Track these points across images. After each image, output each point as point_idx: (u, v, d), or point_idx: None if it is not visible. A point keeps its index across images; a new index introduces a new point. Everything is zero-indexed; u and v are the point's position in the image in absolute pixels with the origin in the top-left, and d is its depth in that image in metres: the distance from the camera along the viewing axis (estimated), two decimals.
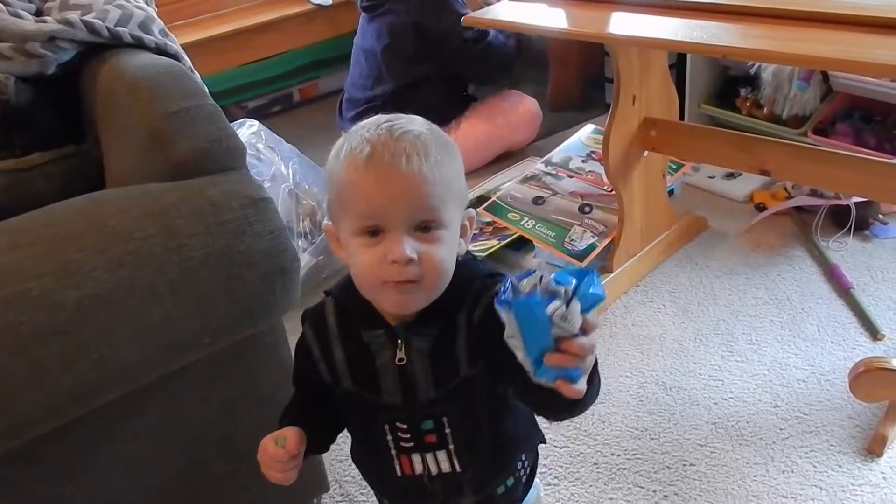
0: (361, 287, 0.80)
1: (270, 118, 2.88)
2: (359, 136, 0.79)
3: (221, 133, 1.01)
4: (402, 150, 0.76)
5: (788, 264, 1.88)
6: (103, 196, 0.97)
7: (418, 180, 0.76)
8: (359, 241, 0.78)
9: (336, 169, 0.79)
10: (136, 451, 1.06)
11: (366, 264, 0.78)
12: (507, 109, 2.43)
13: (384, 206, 0.76)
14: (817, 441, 1.41)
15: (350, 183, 0.77)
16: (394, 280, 0.77)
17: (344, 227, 0.80)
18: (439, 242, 0.78)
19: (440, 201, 0.77)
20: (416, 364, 0.84)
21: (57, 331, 0.85)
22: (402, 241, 0.76)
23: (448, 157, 0.79)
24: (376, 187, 0.76)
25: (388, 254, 0.76)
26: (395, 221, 0.76)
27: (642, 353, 1.65)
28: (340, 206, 0.80)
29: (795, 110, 2.18)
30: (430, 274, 0.77)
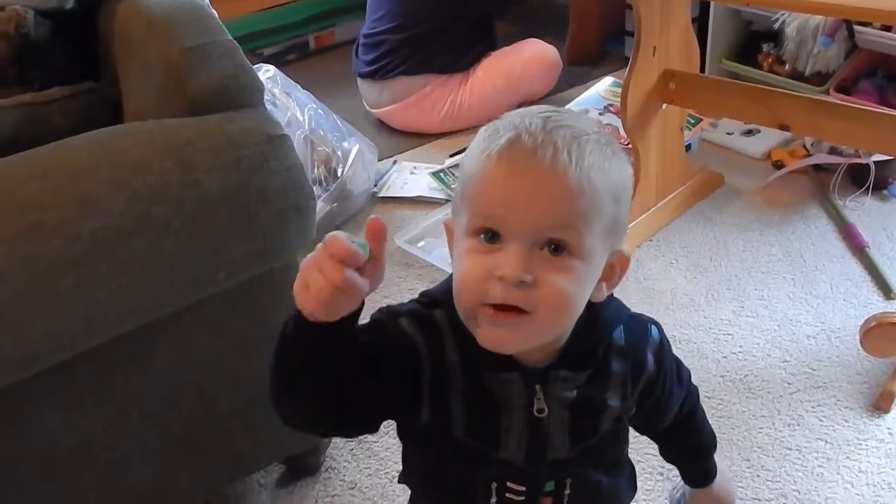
0: (457, 303, 0.66)
1: (286, 66, 2.84)
2: (507, 121, 0.66)
3: (239, 69, 1.01)
4: (550, 142, 0.62)
5: (804, 222, 1.87)
6: (121, 130, 0.97)
7: (558, 185, 0.61)
8: (470, 243, 0.64)
9: (468, 155, 0.67)
10: (148, 386, 1.08)
11: (468, 274, 0.63)
12: (527, 58, 2.40)
13: (507, 204, 0.62)
14: (824, 396, 1.42)
15: (477, 172, 0.64)
16: (493, 301, 0.62)
17: (460, 222, 0.66)
18: (569, 273, 0.63)
19: (582, 219, 0.62)
20: (555, 416, 0.70)
21: (73, 261, 0.86)
22: (519, 254, 0.61)
23: (610, 168, 0.64)
24: (504, 180, 0.62)
25: (498, 269, 0.61)
26: (516, 228, 0.62)
27: (652, 307, 1.65)
28: (461, 198, 0.66)
29: (818, 67, 2.14)
30: (545, 307, 0.62)
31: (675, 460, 0.94)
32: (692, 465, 0.93)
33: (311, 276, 0.57)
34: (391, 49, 2.30)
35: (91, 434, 1.04)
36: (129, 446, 1.08)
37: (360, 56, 2.41)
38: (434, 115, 2.33)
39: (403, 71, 2.29)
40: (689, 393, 0.87)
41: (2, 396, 0.91)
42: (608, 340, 0.72)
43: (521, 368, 0.69)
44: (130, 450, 1.08)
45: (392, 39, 2.30)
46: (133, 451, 1.09)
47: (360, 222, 2.02)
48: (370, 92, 2.40)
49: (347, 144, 2.01)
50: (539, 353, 0.69)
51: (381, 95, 2.37)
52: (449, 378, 0.69)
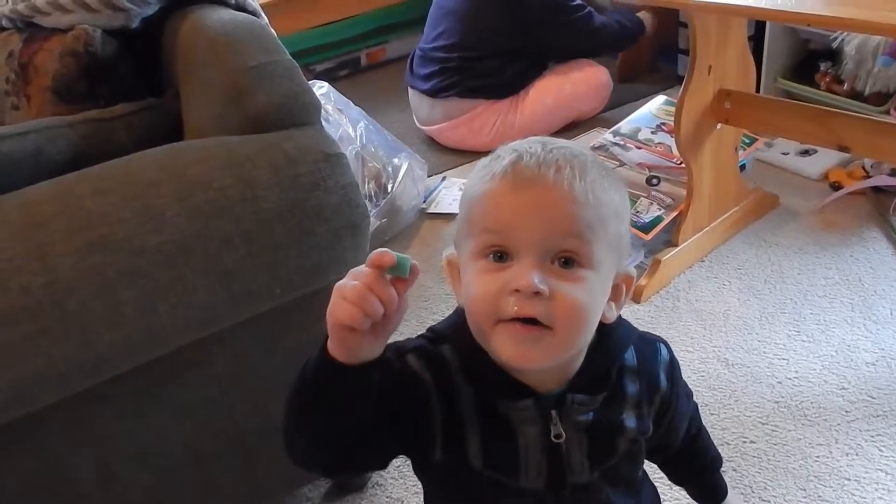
0: (473, 327, 0.66)
1: (337, 82, 2.89)
2: (506, 147, 0.68)
3: (298, 88, 1.03)
4: (552, 160, 0.64)
5: (862, 245, 1.82)
6: (182, 147, 1.00)
7: (565, 195, 0.63)
8: (480, 264, 0.64)
9: (469, 184, 0.68)
10: (203, 396, 1.10)
11: (481, 293, 0.64)
12: (577, 79, 2.40)
13: (516, 219, 0.63)
14: (884, 425, 1.38)
15: (481, 193, 0.65)
16: (512, 316, 0.62)
17: (465, 250, 0.66)
18: (582, 283, 0.63)
19: (589, 230, 0.63)
20: (572, 441, 0.70)
21: (136, 274, 0.89)
22: (532, 266, 0.62)
23: (609, 187, 0.66)
24: (510, 196, 0.63)
25: (512, 282, 0.62)
26: (526, 242, 0.63)
27: (705, 329, 1.63)
28: (466, 224, 0.67)
29: (878, 87, 2.09)
30: (563, 320, 0.62)
31: (687, 479, 0.92)
32: (707, 480, 0.91)
33: (347, 285, 0.59)
34: (446, 68, 2.31)
35: (147, 441, 1.06)
36: (182, 454, 1.10)
37: (414, 69, 2.42)
38: (484, 133, 2.33)
39: (456, 93, 2.31)
40: (695, 410, 0.88)
41: (63, 403, 0.94)
42: (620, 362, 0.73)
43: (535, 395, 0.69)
44: (183, 458, 1.10)
45: (448, 58, 2.31)
46: (186, 459, 1.10)
47: (410, 237, 2.04)
48: (421, 107, 2.42)
49: (398, 160, 2.03)
50: (553, 379, 0.69)
51: (432, 112, 2.38)
52: (462, 412, 0.69)
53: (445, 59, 2.31)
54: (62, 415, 0.97)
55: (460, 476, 0.71)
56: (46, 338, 0.87)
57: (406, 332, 0.71)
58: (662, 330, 1.63)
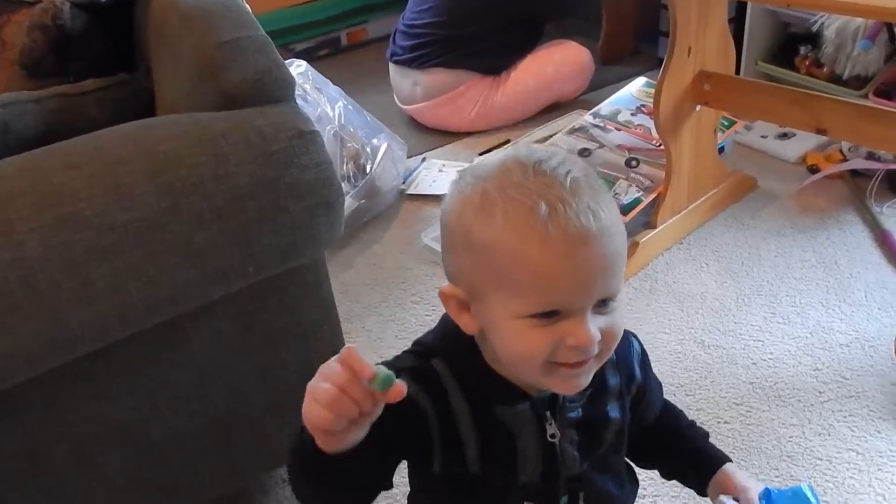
0: (515, 369, 0.69)
1: (317, 62, 2.85)
2: (513, 186, 0.62)
3: (272, 64, 1.01)
4: (585, 205, 0.61)
5: (839, 228, 1.84)
6: (153, 123, 0.98)
7: (606, 242, 0.62)
8: (525, 322, 0.64)
9: (486, 229, 0.63)
10: (180, 377, 1.09)
11: (533, 349, 0.65)
12: (559, 60, 2.39)
13: (571, 284, 0.62)
14: (857, 406, 1.39)
15: (523, 253, 0.62)
16: (573, 361, 0.65)
17: (499, 304, 0.65)
18: (616, 314, 0.67)
19: (620, 264, 0.65)
20: (566, 437, 0.74)
21: (106, 251, 0.87)
22: (587, 322, 0.64)
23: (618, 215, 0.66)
24: (565, 262, 0.61)
25: (570, 338, 0.64)
26: (583, 301, 0.63)
27: (682, 311, 1.64)
28: (498, 280, 0.64)
29: (857, 70, 2.10)
30: (609, 346, 0.67)
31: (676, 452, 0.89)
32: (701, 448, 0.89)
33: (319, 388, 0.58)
34: (432, 41, 2.29)
35: (122, 421, 1.05)
36: (158, 435, 1.09)
37: (397, 42, 2.40)
38: (465, 114, 2.32)
39: (442, 63, 2.28)
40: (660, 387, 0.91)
41: (38, 382, 0.93)
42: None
43: (529, 399, 0.72)
44: (160, 438, 1.09)
45: (435, 34, 2.29)
46: (163, 439, 1.10)
47: (389, 218, 2.03)
48: (403, 83, 2.40)
49: (377, 141, 2.01)
50: None
51: (414, 89, 2.36)
52: (459, 426, 0.71)
53: (432, 33, 2.29)
54: (36, 395, 0.96)
55: (457, 482, 0.74)
56: (15, 315, 0.86)
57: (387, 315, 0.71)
58: (640, 311, 1.64)
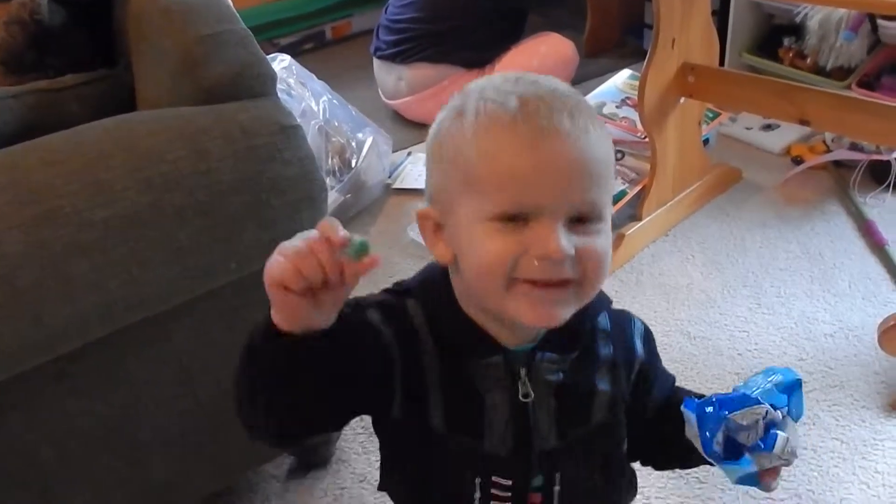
0: (479, 288, 0.62)
1: (302, 56, 2.84)
2: (491, 88, 0.60)
3: (253, 58, 1.00)
4: (562, 105, 0.58)
5: (823, 219, 1.85)
6: (134, 118, 0.97)
7: (583, 147, 0.58)
8: (489, 226, 0.59)
9: (458, 133, 0.60)
10: (165, 375, 1.08)
11: (496, 255, 0.58)
12: (544, 53, 2.38)
13: (537, 179, 0.57)
14: (841, 395, 1.40)
15: (490, 155, 0.58)
16: (537, 279, 0.58)
17: (466, 210, 0.60)
18: (601, 235, 0.61)
19: (603, 183, 0.60)
20: (540, 402, 0.66)
21: (86, 248, 0.86)
22: (558, 231, 0.58)
23: (606, 132, 0.62)
24: (529, 153, 0.57)
25: (534, 247, 0.58)
26: (549, 204, 0.58)
27: (668, 303, 1.64)
28: (466, 185, 0.60)
29: (840, 62, 2.11)
30: (592, 272, 0.60)
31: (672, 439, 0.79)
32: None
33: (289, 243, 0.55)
34: (415, 36, 2.29)
35: (108, 419, 1.05)
36: (144, 433, 1.09)
37: (380, 37, 2.39)
38: None
39: (425, 57, 2.28)
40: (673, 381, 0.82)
41: (21, 381, 0.92)
42: (593, 323, 0.70)
43: (504, 351, 0.65)
44: (146, 436, 1.09)
45: (418, 28, 2.29)
46: (149, 437, 1.09)
47: (375, 213, 2.02)
48: (387, 78, 2.39)
49: (362, 135, 2.01)
50: (525, 335, 0.66)
51: (399, 84, 2.36)
52: (424, 368, 0.65)
53: (414, 29, 2.29)
54: (19, 395, 0.95)
55: (420, 437, 0.67)
56: None
57: None
58: (626, 304, 1.64)
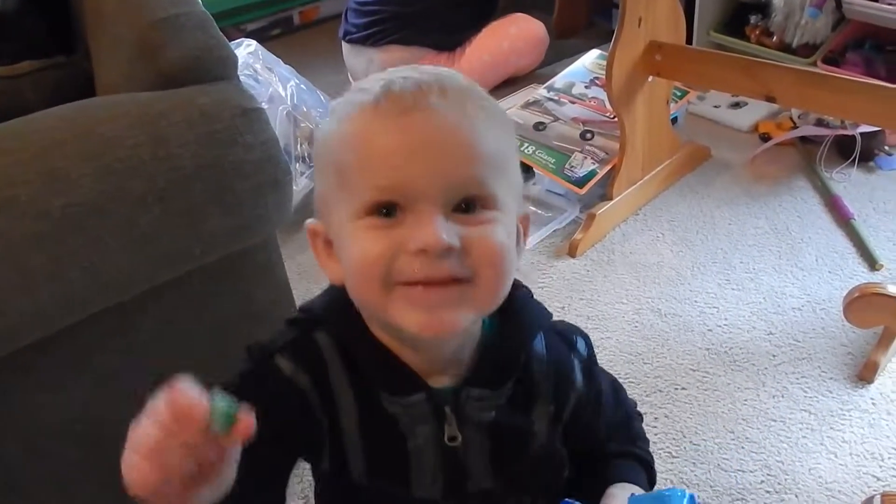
0: (360, 299, 0.55)
1: (269, 42, 2.81)
2: (366, 80, 0.55)
3: (212, 41, 0.98)
4: (432, 82, 0.52)
5: (790, 195, 1.86)
6: (90, 104, 0.95)
7: (458, 123, 0.51)
8: (362, 222, 0.52)
9: (327, 130, 0.55)
10: (130, 364, 1.07)
11: (369, 255, 0.51)
12: (515, 35, 2.38)
13: (406, 162, 0.50)
14: (809, 367, 1.42)
15: (353, 139, 0.52)
16: (418, 280, 0.50)
17: (340, 213, 0.53)
18: (493, 223, 0.53)
19: (491, 167, 0.52)
20: (472, 443, 0.60)
21: (43, 238, 0.85)
22: (435, 218, 0.50)
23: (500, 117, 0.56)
24: (393, 133, 0.50)
25: (410, 239, 0.50)
26: (423, 191, 0.50)
27: (639, 281, 1.65)
28: (337, 183, 0.54)
29: (806, 38, 2.13)
30: (484, 266, 0.52)
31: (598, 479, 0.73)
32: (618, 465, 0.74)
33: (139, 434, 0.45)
34: (386, 18, 2.27)
35: (73, 412, 1.03)
36: (111, 424, 1.06)
37: (349, 20, 2.37)
38: None
39: (397, 40, 2.26)
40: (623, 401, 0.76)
41: None
42: (527, 351, 0.62)
43: (427, 389, 0.57)
44: (114, 429, 1.07)
45: (388, 10, 2.27)
46: (115, 431, 1.07)
47: None
48: (358, 62, 2.37)
49: None
50: (449, 368, 0.59)
51: (369, 68, 2.33)
52: (340, 411, 0.58)
53: (385, 10, 2.27)
54: None
55: (344, 487, 0.60)
56: None
57: None
58: (598, 283, 1.65)
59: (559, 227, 1.81)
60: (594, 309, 1.58)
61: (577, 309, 1.58)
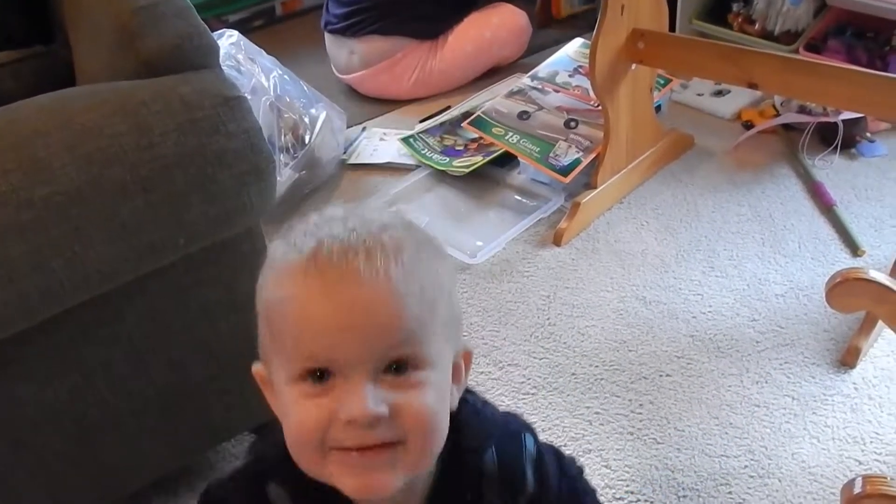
0: (298, 458, 0.55)
1: (252, 33, 2.79)
2: (300, 229, 0.55)
3: (193, 30, 0.98)
4: (358, 243, 0.52)
5: (773, 182, 1.87)
6: (70, 93, 0.95)
7: (384, 290, 0.52)
8: (297, 389, 0.54)
9: (263, 283, 0.56)
10: (116, 355, 1.07)
11: (305, 426, 0.53)
12: (497, 24, 2.37)
13: (333, 333, 0.51)
14: (792, 353, 1.43)
15: (281, 300, 0.53)
16: (350, 445, 0.52)
17: (279, 373, 0.55)
18: (424, 387, 0.54)
19: (420, 326, 0.53)
20: None
21: (24, 229, 0.84)
22: (364, 389, 0.51)
23: (431, 258, 0.56)
24: (320, 305, 0.51)
25: (340, 410, 0.52)
26: (350, 360, 0.52)
27: (623, 269, 1.66)
28: (272, 344, 0.56)
29: (788, 26, 2.14)
30: (414, 430, 0.53)
31: None
32: None
33: None
34: (366, 8, 2.25)
35: (58, 403, 1.02)
36: (97, 415, 1.07)
37: (330, 10, 2.36)
38: (404, 81, 2.30)
39: (377, 30, 2.25)
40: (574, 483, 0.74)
41: None
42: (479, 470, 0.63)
43: None
44: (99, 419, 1.07)
45: (367, 1, 2.25)
46: (102, 420, 1.07)
47: (330, 190, 2.00)
48: (340, 53, 2.36)
49: (315, 111, 1.98)
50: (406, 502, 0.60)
51: (351, 58, 2.33)
52: None
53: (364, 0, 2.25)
54: None
55: None
56: None
57: None
58: (583, 271, 1.66)
59: (544, 216, 1.81)
60: (579, 297, 1.59)
61: (561, 297, 1.59)
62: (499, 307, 1.56)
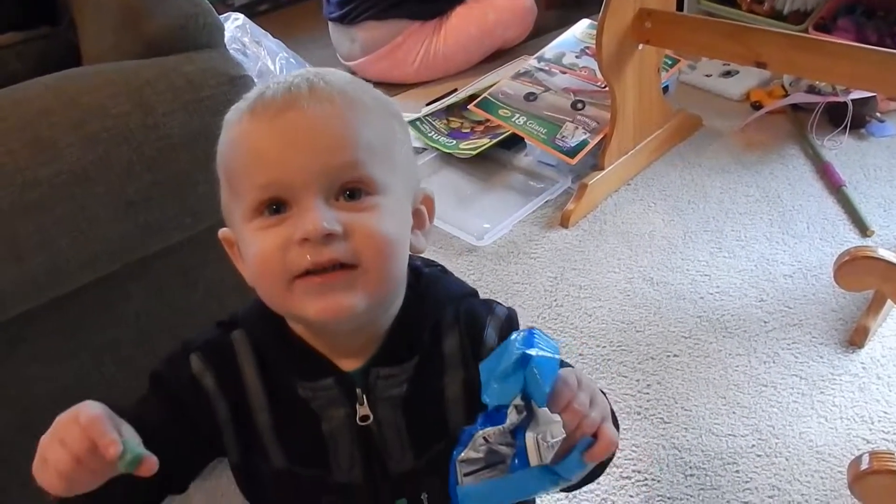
0: (266, 297, 0.57)
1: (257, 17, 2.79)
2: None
3: (198, 9, 0.98)
4: (301, 82, 0.55)
5: (781, 163, 1.86)
6: (75, 73, 0.95)
7: (330, 114, 0.54)
8: (254, 224, 0.55)
9: (219, 142, 0.60)
10: (123, 334, 1.07)
11: (263, 252, 0.54)
12: (501, 6, 2.36)
13: (281, 159, 0.53)
14: (800, 333, 1.43)
15: (231, 142, 0.57)
16: (307, 268, 0.53)
17: (237, 218, 0.57)
18: (376, 210, 0.55)
19: (368, 153, 0.55)
20: (386, 422, 0.61)
21: (31, 207, 0.85)
22: (315, 207, 0.53)
23: (377, 104, 0.58)
24: (267, 134, 0.54)
25: (295, 230, 0.53)
26: (302, 183, 0.53)
27: (631, 250, 1.65)
28: (228, 189, 0.58)
29: (797, 5, 2.12)
30: (368, 252, 0.54)
31: None
32: None
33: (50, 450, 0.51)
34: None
35: (66, 383, 1.03)
36: (104, 395, 1.07)
37: None
38: (408, 64, 2.29)
39: (372, 15, 2.24)
40: None
41: None
42: (437, 324, 0.63)
43: (336, 373, 0.60)
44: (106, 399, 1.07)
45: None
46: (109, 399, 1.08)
47: None
48: (342, 40, 2.35)
49: None
50: (357, 350, 0.61)
51: (353, 46, 2.32)
52: (251, 404, 0.61)
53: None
54: None
55: (265, 477, 0.63)
56: None
57: None
58: (590, 252, 1.65)
59: (551, 198, 1.81)
60: (586, 278, 1.59)
61: (569, 279, 1.58)
62: (506, 289, 1.56)
